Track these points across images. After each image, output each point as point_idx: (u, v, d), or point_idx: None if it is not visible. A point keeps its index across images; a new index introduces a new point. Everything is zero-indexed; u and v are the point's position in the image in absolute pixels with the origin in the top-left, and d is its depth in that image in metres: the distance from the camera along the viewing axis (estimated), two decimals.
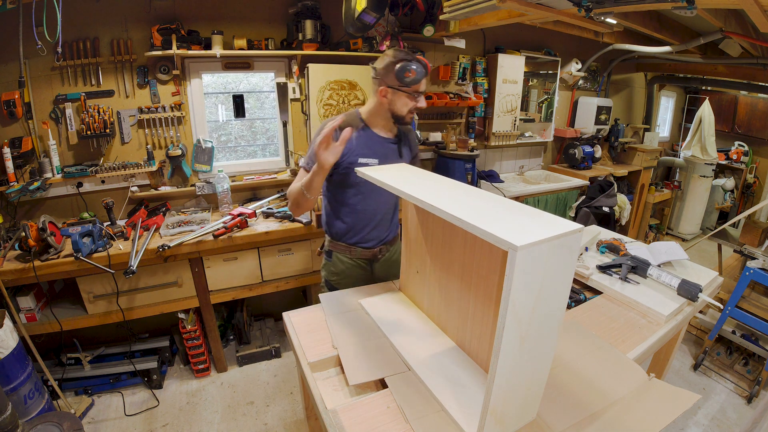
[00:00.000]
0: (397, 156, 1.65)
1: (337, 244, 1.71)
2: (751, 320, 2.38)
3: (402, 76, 1.44)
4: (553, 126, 4.00)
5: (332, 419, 0.96)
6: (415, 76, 1.45)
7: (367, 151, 1.56)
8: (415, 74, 1.44)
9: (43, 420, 1.59)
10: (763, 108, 4.90)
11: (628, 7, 2.04)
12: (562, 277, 0.81)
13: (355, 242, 1.68)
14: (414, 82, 1.46)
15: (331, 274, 1.76)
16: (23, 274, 1.89)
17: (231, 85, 2.84)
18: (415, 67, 1.44)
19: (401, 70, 1.44)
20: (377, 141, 1.59)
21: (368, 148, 1.57)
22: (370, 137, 1.58)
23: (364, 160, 1.55)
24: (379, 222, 1.68)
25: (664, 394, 1.05)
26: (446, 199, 0.94)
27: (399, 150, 1.66)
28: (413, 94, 1.50)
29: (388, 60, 1.47)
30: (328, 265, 1.77)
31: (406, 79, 1.44)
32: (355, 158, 1.54)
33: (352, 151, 1.53)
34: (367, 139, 1.57)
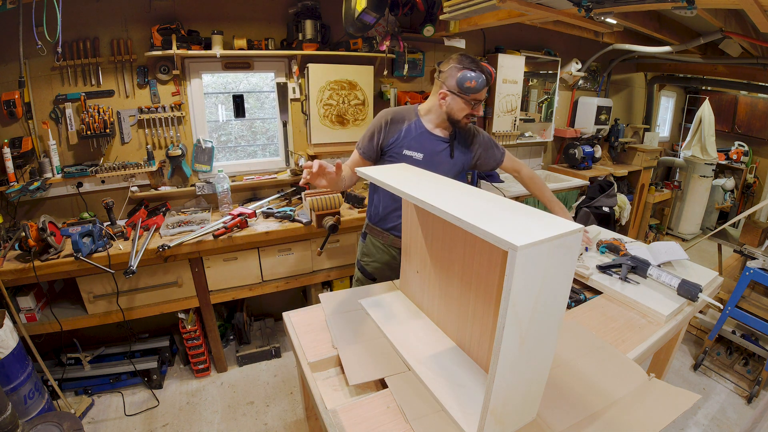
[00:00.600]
0: (447, 155, 1.66)
1: (372, 228, 1.78)
2: (751, 320, 2.38)
3: (462, 84, 1.48)
4: (553, 126, 4.00)
5: (332, 419, 0.96)
6: (476, 86, 1.47)
7: (414, 144, 1.61)
8: (476, 84, 1.47)
9: (43, 420, 1.59)
10: (763, 108, 4.90)
11: (628, 7, 2.04)
12: (562, 277, 0.81)
13: (389, 228, 1.74)
14: (474, 91, 1.49)
15: (363, 255, 1.84)
16: (23, 274, 1.89)
17: (231, 85, 2.84)
18: (476, 76, 1.46)
19: (463, 78, 1.47)
20: (426, 136, 1.63)
21: (416, 142, 1.61)
22: (421, 132, 1.63)
23: (409, 153, 1.60)
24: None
25: (664, 394, 1.05)
26: (446, 199, 0.94)
27: (451, 150, 1.67)
28: (471, 102, 1.53)
29: (453, 64, 1.51)
30: (362, 246, 1.85)
31: (467, 87, 1.47)
32: (400, 149, 1.60)
33: (399, 142, 1.60)
34: (416, 133, 1.62)
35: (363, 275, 1.85)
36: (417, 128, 1.63)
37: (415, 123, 1.63)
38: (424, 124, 1.64)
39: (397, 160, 1.60)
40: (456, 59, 1.52)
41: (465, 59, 1.51)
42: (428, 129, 1.64)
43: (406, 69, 2.95)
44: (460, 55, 1.52)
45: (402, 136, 1.61)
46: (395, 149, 1.61)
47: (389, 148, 1.62)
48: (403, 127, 1.62)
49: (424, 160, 1.61)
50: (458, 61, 1.51)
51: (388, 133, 1.61)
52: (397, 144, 1.61)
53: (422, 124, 1.64)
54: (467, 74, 1.46)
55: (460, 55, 1.53)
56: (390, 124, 1.61)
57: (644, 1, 1.93)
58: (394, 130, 1.61)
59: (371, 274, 1.82)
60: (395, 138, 1.61)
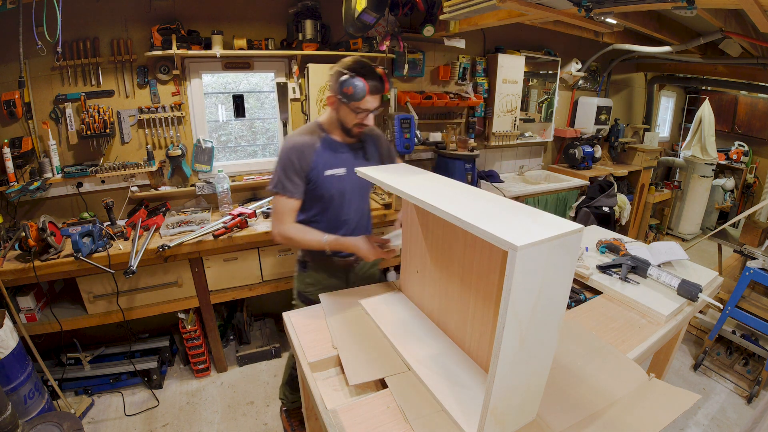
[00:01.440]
0: (363, 160, 1.60)
1: (314, 257, 1.66)
2: (751, 320, 2.38)
3: (341, 90, 1.38)
4: (553, 126, 4.00)
5: (332, 419, 0.96)
6: (353, 94, 1.36)
7: (332, 160, 1.52)
8: (354, 92, 1.36)
9: (43, 420, 1.59)
10: (763, 108, 4.90)
11: (628, 7, 2.04)
12: (562, 277, 0.81)
13: (333, 253, 1.61)
14: (354, 100, 1.38)
15: (306, 285, 1.70)
16: (23, 274, 1.89)
17: (231, 85, 2.84)
18: (357, 83, 1.35)
19: (342, 83, 1.37)
20: (339, 148, 1.54)
21: (333, 158, 1.52)
22: (332, 146, 1.53)
23: (331, 172, 1.51)
24: (353, 230, 1.63)
25: (664, 394, 1.05)
26: (446, 199, 0.94)
27: (364, 153, 1.61)
28: (356, 111, 1.43)
29: (337, 68, 1.41)
30: (302, 276, 1.71)
31: (345, 93, 1.37)
32: (321, 172, 1.50)
33: (318, 165, 1.49)
34: (330, 149, 1.52)
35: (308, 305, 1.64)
36: (328, 144, 1.52)
37: (324, 139, 1.52)
38: (333, 137, 1.54)
39: (321, 185, 1.50)
40: (345, 63, 1.40)
41: (354, 64, 1.39)
42: (339, 141, 1.55)
43: (406, 69, 2.95)
44: (352, 59, 1.40)
45: (318, 158, 1.49)
46: (315, 174, 1.49)
47: (311, 177, 1.49)
48: (315, 148, 1.49)
49: (347, 174, 1.53)
50: (344, 65, 1.39)
51: (305, 163, 1.47)
52: (317, 169, 1.49)
53: (331, 138, 1.54)
54: (347, 81, 1.36)
55: (352, 58, 1.41)
56: (302, 153, 1.46)
57: (644, 1, 1.93)
58: (308, 156, 1.48)
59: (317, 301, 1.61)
60: (314, 163, 1.48)
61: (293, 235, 1.49)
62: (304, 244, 1.51)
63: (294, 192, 1.47)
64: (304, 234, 1.49)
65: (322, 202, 1.55)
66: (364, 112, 1.45)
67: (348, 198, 1.58)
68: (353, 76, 1.36)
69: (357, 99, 1.38)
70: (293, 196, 1.48)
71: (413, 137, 2.77)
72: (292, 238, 1.49)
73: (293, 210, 1.51)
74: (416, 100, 2.97)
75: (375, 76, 1.40)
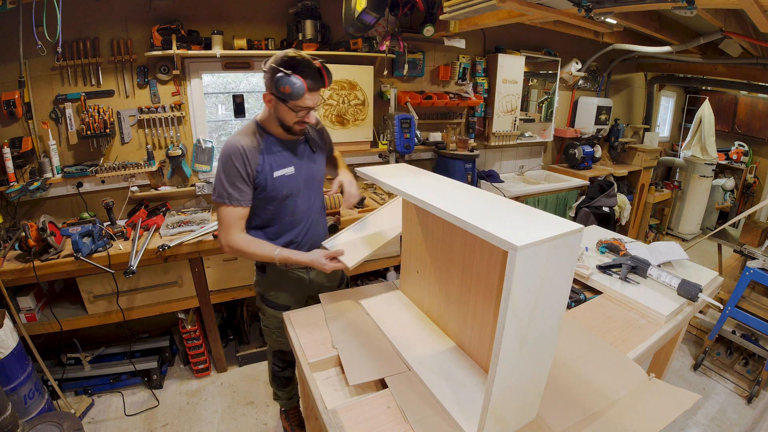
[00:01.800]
0: (310, 154, 1.54)
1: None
2: (751, 320, 2.38)
3: (277, 88, 1.28)
4: (553, 126, 4.00)
5: (332, 419, 0.96)
6: (291, 93, 1.27)
7: (279, 160, 1.44)
8: (291, 90, 1.26)
9: (43, 420, 1.59)
10: (763, 108, 4.90)
11: (628, 7, 2.04)
12: (562, 277, 0.81)
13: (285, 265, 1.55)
14: (291, 98, 1.29)
15: (266, 289, 1.64)
16: (23, 274, 1.89)
17: (231, 85, 2.84)
18: (295, 81, 1.26)
19: (277, 82, 1.27)
20: (283, 146, 1.47)
21: (279, 157, 1.45)
22: (276, 145, 1.45)
23: (280, 172, 1.44)
24: (309, 226, 1.59)
25: (664, 394, 1.05)
26: (446, 199, 0.94)
27: (310, 146, 1.55)
28: (294, 109, 1.34)
29: (271, 65, 1.30)
30: (262, 281, 1.64)
31: (281, 92, 1.28)
32: (269, 174, 1.42)
33: (265, 167, 1.41)
34: (274, 148, 1.44)
35: (275, 309, 1.65)
36: (272, 143, 1.44)
37: (266, 139, 1.43)
38: (275, 136, 1.45)
39: (271, 188, 1.43)
40: (278, 58, 1.29)
41: (289, 60, 1.29)
42: (282, 138, 1.46)
43: (406, 69, 2.95)
44: (286, 54, 1.30)
45: (264, 161, 1.41)
46: (263, 177, 1.41)
47: (259, 182, 1.41)
48: (259, 150, 1.40)
49: (297, 172, 1.48)
50: (278, 60, 1.29)
51: (251, 167, 1.38)
52: (264, 172, 1.41)
53: (273, 136, 1.45)
54: (283, 79, 1.26)
55: (286, 53, 1.30)
56: (245, 157, 1.36)
57: (644, 1, 1.93)
58: (253, 159, 1.38)
59: (284, 304, 1.65)
60: (260, 167, 1.40)
61: (242, 247, 1.41)
62: (254, 257, 1.44)
63: (240, 200, 1.38)
64: (255, 247, 1.42)
65: (274, 205, 1.48)
66: (305, 110, 1.36)
67: (301, 196, 1.52)
68: (289, 74, 1.26)
69: (295, 98, 1.29)
70: (240, 204, 1.39)
71: (413, 137, 2.77)
72: (241, 250, 1.41)
73: (241, 218, 1.42)
74: (416, 100, 2.97)
75: (313, 71, 1.31)
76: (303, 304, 1.71)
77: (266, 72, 1.32)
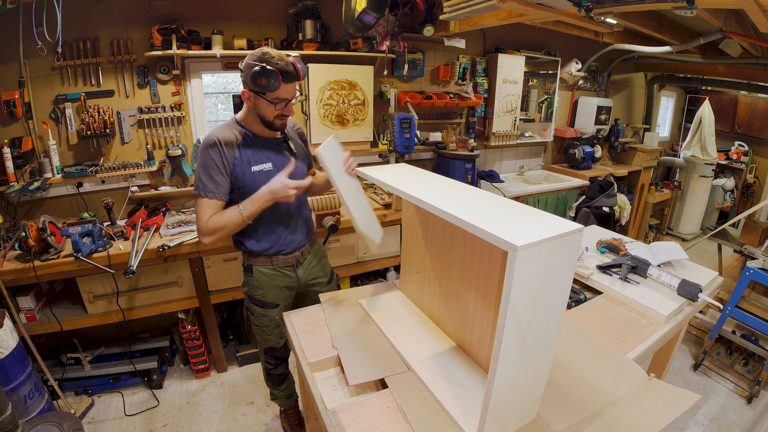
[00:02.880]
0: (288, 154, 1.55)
1: (255, 259, 1.61)
2: (751, 320, 2.38)
3: (255, 82, 1.33)
4: (553, 126, 4.00)
5: (332, 419, 0.96)
6: (267, 85, 1.32)
7: (257, 156, 1.47)
8: (267, 82, 1.32)
9: (43, 420, 1.59)
10: (763, 108, 4.90)
11: (628, 7, 2.04)
12: (562, 277, 0.81)
13: (275, 252, 1.59)
14: (269, 90, 1.35)
15: (254, 289, 1.64)
16: (23, 274, 1.89)
17: (231, 85, 2.84)
18: (270, 72, 1.31)
19: (254, 76, 1.32)
20: (263, 143, 1.50)
21: (257, 153, 1.47)
22: (254, 141, 1.48)
23: (258, 167, 1.46)
24: (292, 224, 1.61)
25: (664, 394, 1.05)
26: (446, 199, 0.94)
27: (289, 147, 1.57)
28: (274, 102, 1.39)
29: (247, 61, 1.36)
30: (249, 281, 1.64)
31: (259, 85, 1.33)
32: (247, 168, 1.44)
33: (243, 160, 1.44)
34: (252, 144, 1.47)
35: (263, 307, 1.67)
36: (249, 139, 1.47)
37: (244, 135, 1.46)
38: (253, 132, 1.48)
39: (249, 182, 1.44)
40: (254, 55, 1.35)
41: (264, 55, 1.33)
42: (260, 136, 1.49)
43: (406, 69, 2.95)
44: (261, 50, 1.35)
45: (242, 154, 1.44)
46: (241, 171, 1.44)
47: (237, 174, 1.44)
48: (236, 143, 1.44)
49: (275, 169, 1.48)
50: (254, 57, 1.34)
51: (227, 160, 1.42)
52: (241, 165, 1.44)
53: (252, 133, 1.48)
54: (259, 72, 1.31)
55: (261, 50, 1.35)
56: (222, 150, 1.40)
57: (644, 1, 1.93)
58: (230, 152, 1.42)
59: (273, 302, 1.66)
60: (237, 160, 1.43)
61: (213, 224, 1.41)
62: (228, 227, 1.43)
63: (216, 192, 1.41)
64: (224, 218, 1.42)
65: None
66: (282, 102, 1.40)
67: None
68: (264, 67, 1.31)
69: (272, 89, 1.34)
70: (215, 196, 1.41)
71: (413, 137, 2.77)
72: (214, 227, 1.41)
73: (216, 209, 1.43)
74: (416, 100, 2.97)
75: (286, 63, 1.35)
76: (291, 302, 1.73)
77: (243, 70, 1.36)
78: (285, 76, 1.35)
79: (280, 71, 1.33)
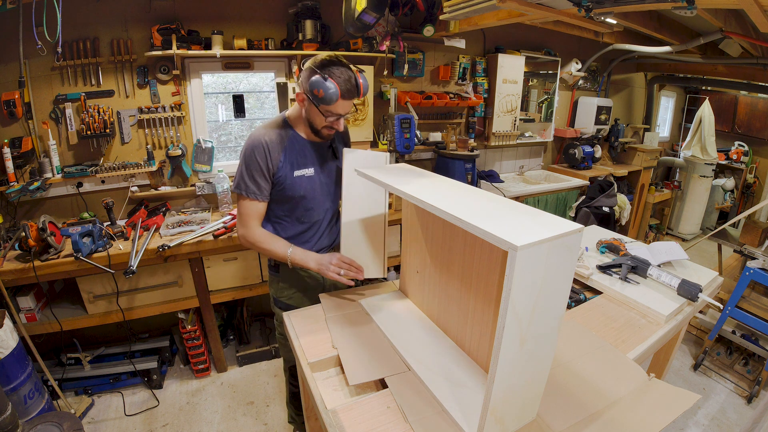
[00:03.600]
0: (332, 158, 1.52)
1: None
2: (751, 320, 2.38)
3: (311, 91, 1.26)
4: (553, 126, 4.00)
5: (332, 419, 0.96)
6: (324, 97, 1.25)
7: (301, 160, 1.42)
8: (324, 95, 1.24)
9: (43, 420, 1.59)
10: (763, 108, 4.90)
11: (628, 7, 2.03)
12: (562, 277, 0.81)
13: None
14: (324, 103, 1.27)
15: (280, 290, 1.59)
16: (23, 274, 1.89)
17: (231, 85, 2.84)
18: (330, 86, 1.23)
19: (313, 84, 1.25)
20: (307, 146, 1.44)
21: (301, 157, 1.42)
22: (300, 144, 1.43)
23: (300, 172, 1.42)
24: (325, 229, 1.59)
25: (664, 394, 1.05)
26: (446, 199, 0.94)
27: (334, 152, 1.52)
28: (325, 114, 1.32)
29: (309, 65, 1.29)
30: (275, 280, 1.60)
31: (315, 95, 1.26)
32: (290, 172, 1.40)
33: (286, 164, 1.39)
34: (297, 147, 1.42)
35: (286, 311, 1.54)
36: (296, 141, 1.41)
37: (292, 136, 1.42)
38: (300, 134, 1.43)
39: (289, 186, 1.41)
40: (317, 60, 1.27)
41: (327, 63, 1.26)
42: (306, 139, 1.44)
43: (406, 69, 2.95)
44: (328, 56, 1.27)
45: (286, 158, 1.38)
46: (283, 174, 1.39)
47: (278, 178, 1.39)
48: (282, 147, 1.38)
49: (317, 174, 1.46)
50: (317, 63, 1.27)
51: (272, 163, 1.37)
52: (284, 169, 1.39)
53: (299, 134, 1.43)
54: (319, 82, 1.23)
55: (328, 55, 1.28)
56: (268, 152, 1.35)
57: (644, 1, 1.93)
58: (275, 155, 1.37)
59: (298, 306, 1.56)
60: (281, 163, 1.38)
61: (257, 241, 1.42)
62: (267, 253, 1.45)
63: (258, 194, 1.38)
64: (270, 243, 1.42)
65: (291, 203, 1.47)
66: (335, 117, 1.34)
67: (318, 199, 1.50)
68: (326, 78, 1.24)
69: (327, 103, 1.27)
70: (257, 198, 1.39)
71: (413, 137, 2.77)
72: (256, 244, 1.43)
73: (259, 213, 1.43)
74: (416, 100, 2.97)
75: (349, 78, 1.28)
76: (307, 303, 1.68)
77: (303, 71, 1.32)
78: (345, 93, 1.28)
79: (341, 87, 1.26)
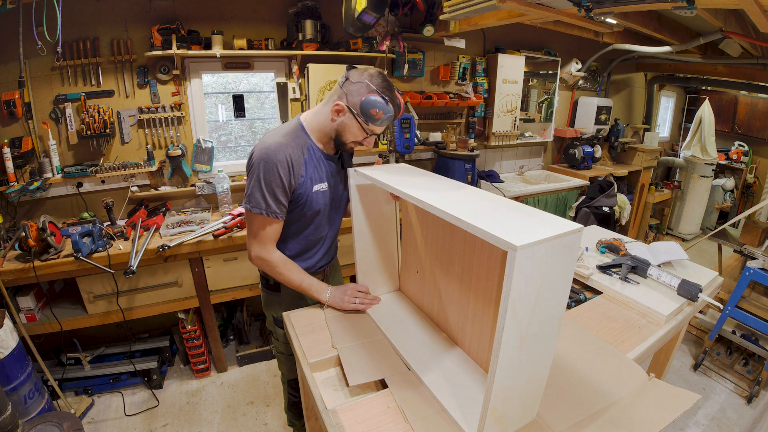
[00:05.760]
0: (341, 168, 1.45)
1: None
2: (751, 320, 2.38)
3: (367, 109, 1.22)
4: (553, 126, 4.00)
5: (332, 419, 0.96)
6: (381, 118, 1.23)
7: (317, 174, 1.34)
8: (383, 116, 1.22)
9: (43, 420, 1.59)
10: (763, 108, 4.90)
11: (628, 7, 2.04)
12: (562, 277, 0.81)
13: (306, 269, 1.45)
14: (375, 122, 1.25)
15: (279, 310, 1.48)
16: (23, 274, 1.89)
17: (231, 85, 2.84)
18: (386, 108, 1.22)
19: (371, 103, 1.21)
20: (322, 158, 1.36)
21: (318, 170, 1.34)
22: (317, 156, 1.34)
23: (317, 187, 1.34)
24: (329, 248, 1.55)
25: (664, 394, 1.05)
26: (446, 199, 0.94)
27: (342, 162, 1.45)
28: (368, 132, 1.30)
29: (366, 80, 1.23)
30: (274, 301, 1.52)
31: (371, 114, 1.22)
32: (310, 187, 1.32)
33: (307, 179, 1.31)
34: (315, 159, 1.33)
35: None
36: (313, 153, 1.33)
37: (310, 147, 1.32)
38: (318, 146, 1.34)
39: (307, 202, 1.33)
40: (373, 75, 1.23)
41: (384, 82, 1.23)
42: (323, 151, 1.36)
43: (406, 69, 2.95)
44: (380, 74, 1.24)
45: (307, 172, 1.30)
46: (304, 190, 1.30)
47: (298, 194, 1.30)
48: (303, 160, 1.29)
49: (329, 189, 1.38)
50: (374, 79, 1.22)
51: (294, 179, 1.27)
52: (305, 185, 1.30)
53: (316, 146, 1.34)
54: (378, 101, 1.20)
55: (380, 73, 1.25)
56: (291, 168, 1.25)
57: (644, 1, 1.93)
58: (298, 171, 1.27)
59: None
60: (303, 179, 1.29)
61: (276, 265, 1.34)
62: (279, 278, 1.39)
63: (279, 213, 1.28)
64: (287, 270, 1.36)
65: (303, 221, 1.38)
66: (372, 136, 1.32)
67: (328, 214, 1.45)
68: (386, 101, 1.21)
69: (380, 123, 1.25)
70: (278, 217, 1.28)
71: (413, 137, 2.77)
72: (275, 268, 1.35)
73: (278, 234, 1.34)
74: (416, 100, 2.97)
75: (401, 104, 1.30)
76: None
77: (354, 82, 1.23)
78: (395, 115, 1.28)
79: (395, 112, 1.26)
